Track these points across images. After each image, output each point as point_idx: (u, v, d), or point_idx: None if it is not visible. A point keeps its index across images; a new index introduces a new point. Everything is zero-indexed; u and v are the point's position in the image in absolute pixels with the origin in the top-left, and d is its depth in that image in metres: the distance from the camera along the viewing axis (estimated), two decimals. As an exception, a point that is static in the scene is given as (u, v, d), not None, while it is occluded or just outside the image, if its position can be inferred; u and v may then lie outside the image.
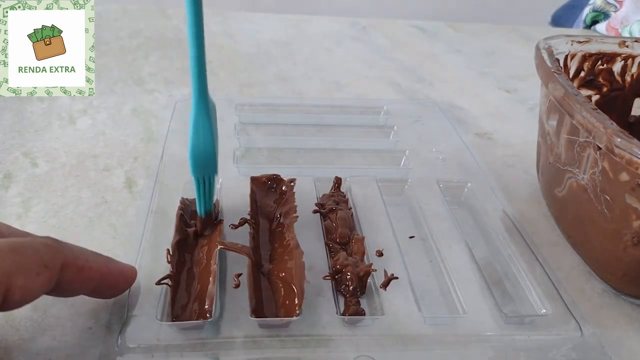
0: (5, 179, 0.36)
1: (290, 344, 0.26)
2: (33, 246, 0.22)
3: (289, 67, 0.56)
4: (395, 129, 0.44)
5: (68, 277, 0.23)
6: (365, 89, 0.53)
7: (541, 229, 0.36)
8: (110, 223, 0.33)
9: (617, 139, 0.26)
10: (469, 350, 0.26)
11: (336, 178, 0.36)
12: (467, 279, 0.30)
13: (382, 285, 0.29)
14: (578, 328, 0.28)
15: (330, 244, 0.32)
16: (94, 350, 0.25)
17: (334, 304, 0.28)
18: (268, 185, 0.36)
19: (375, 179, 0.37)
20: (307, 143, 0.42)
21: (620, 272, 0.30)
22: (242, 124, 0.43)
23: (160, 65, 0.54)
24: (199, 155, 0.28)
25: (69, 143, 0.40)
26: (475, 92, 0.55)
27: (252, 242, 0.31)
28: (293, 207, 0.33)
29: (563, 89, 0.30)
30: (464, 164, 0.40)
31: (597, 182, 0.28)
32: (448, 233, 0.33)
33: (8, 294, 0.20)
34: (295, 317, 0.26)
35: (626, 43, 0.39)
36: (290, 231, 0.31)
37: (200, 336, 0.26)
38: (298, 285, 0.27)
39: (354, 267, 0.29)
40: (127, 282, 0.27)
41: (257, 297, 0.28)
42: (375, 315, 0.28)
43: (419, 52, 0.65)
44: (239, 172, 0.37)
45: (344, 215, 0.33)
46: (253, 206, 0.33)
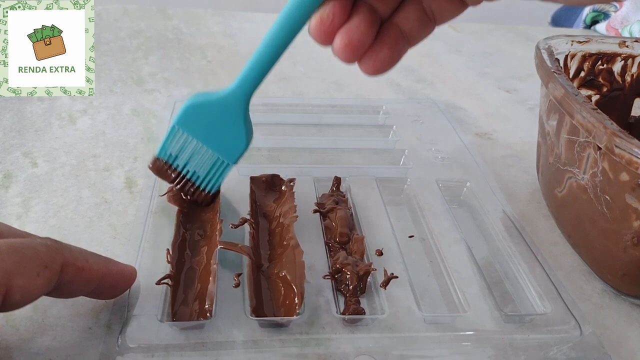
0: (5, 179, 0.36)
1: (290, 344, 0.26)
2: (33, 247, 0.22)
3: (289, 67, 0.56)
4: (394, 129, 0.44)
5: (68, 277, 0.23)
6: (365, 89, 0.53)
7: (541, 229, 0.36)
8: (110, 223, 0.33)
9: (617, 139, 0.26)
10: (469, 349, 0.26)
11: (335, 178, 0.37)
12: (467, 278, 0.30)
13: (382, 285, 0.29)
14: (577, 327, 0.28)
15: (330, 243, 0.32)
16: (94, 350, 0.25)
17: (334, 304, 0.28)
18: (268, 185, 0.36)
19: (374, 178, 0.37)
20: (307, 143, 0.42)
21: (620, 272, 0.30)
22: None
23: (160, 65, 0.54)
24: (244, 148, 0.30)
25: (69, 143, 0.40)
26: (475, 92, 0.55)
27: (252, 241, 0.31)
28: (293, 206, 0.33)
29: (563, 89, 0.30)
30: (463, 163, 0.40)
31: (597, 182, 0.28)
32: (447, 232, 0.33)
33: (8, 294, 0.20)
34: (295, 316, 0.26)
35: (626, 43, 0.39)
36: (290, 231, 0.31)
37: (200, 336, 0.26)
38: (298, 284, 0.27)
39: (354, 266, 0.29)
40: (126, 282, 0.27)
41: (257, 296, 0.28)
42: (375, 315, 0.28)
43: (419, 52, 0.65)
44: (239, 172, 0.37)
45: (344, 215, 0.33)
46: (253, 206, 0.33)
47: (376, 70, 0.24)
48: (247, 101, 0.29)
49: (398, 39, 0.24)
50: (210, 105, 0.29)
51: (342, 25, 0.23)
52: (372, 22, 0.23)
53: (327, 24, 0.23)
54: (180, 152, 0.31)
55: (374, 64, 0.24)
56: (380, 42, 0.24)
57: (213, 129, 0.30)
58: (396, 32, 0.24)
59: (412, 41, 0.25)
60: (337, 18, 0.23)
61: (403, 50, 0.25)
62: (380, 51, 0.24)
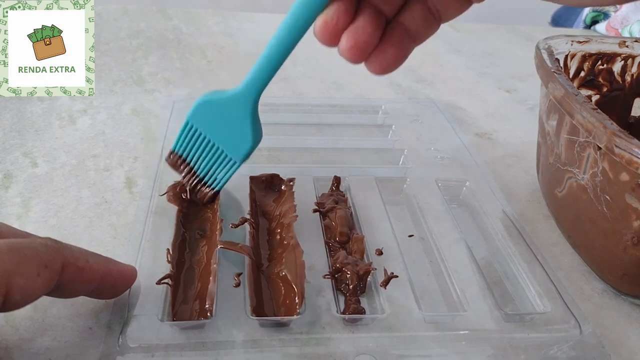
0: (5, 179, 0.36)
1: (290, 343, 0.26)
2: (33, 247, 0.22)
3: (289, 67, 0.56)
4: (393, 128, 0.44)
5: (68, 277, 0.23)
6: (365, 89, 0.53)
7: (541, 229, 0.36)
8: (110, 223, 0.33)
9: (617, 139, 0.26)
10: (469, 348, 0.26)
11: (335, 177, 0.37)
12: (467, 277, 0.30)
13: (382, 284, 0.29)
14: (577, 326, 0.28)
15: (330, 243, 0.32)
16: (94, 350, 0.25)
17: (334, 303, 0.28)
18: (267, 184, 0.36)
19: (374, 178, 0.37)
20: (306, 142, 0.42)
21: (620, 272, 0.30)
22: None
23: (160, 65, 0.54)
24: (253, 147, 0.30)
25: (69, 143, 0.40)
26: (475, 92, 0.55)
27: (252, 241, 0.31)
28: (292, 206, 0.33)
29: (563, 89, 0.30)
30: (462, 162, 0.41)
31: (597, 182, 0.28)
32: (447, 232, 0.33)
33: (8, 294, 0.20)
34: (296, 316, 0.26)
35: (626, 43, 0.39)
36: (290, 230, 0.31)
37: (201, 336, 0.26)
38: (298, 284, 0.27)
39: (354, 266, 0.29)
40: (127, 282, 0.27)
41: (258, 296, 0.28)
42: (375, 314, 0.28)
43: (419, 52, 0.65)
44: (239, 171, 0.37)
45: (344, 214, 0.33)
46: (252, 205, 0.33)
47: (383, 70, 0.24)
48: (255, 101, 0.29)
49: (404, 38, 0.24)
50: (220, 104, 0.30)
51: (347, 26, 0.23)
52: (378, 23, 0.23)
53: (331, 25, 0.23)
54: (192, 147, 0.31)
55: (380, 63, 0.24)
56: (386, 42, 0.24)
57: (222, 127, 0.30)
58: (402, 32, 0.24)
59: (418, 40, 0.25)
60: (341, 19, 0.23)
61: (409, 49, 0.25)
62: (386, 51, 0.24)
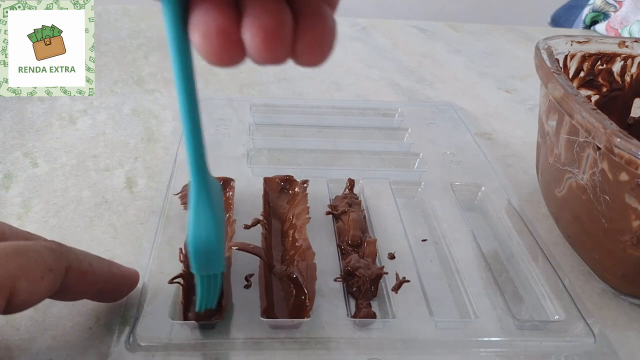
0: (5, 179, 0.36)
1: (301, 346, 0.26)
2: (37, 250, 0.22)
3: (289, 67, 0.56)
4: (409, 131, 0.44)
5: (72, 280, 0.23)
6: (365, 89, 0.53)
7: (541, 229, 0.36)
8: (110, 223, 0.33)
9: (617, 139, 0.26)
10: (480, 355, 0.26)
11: (349, 180, 0.36)
12: (479, 283, 0.30)
13: (394, 289, 0.29)
14: (591, 335, 0.27)
15: (342, 245, 0.31)
16: (94, 350, 0.25)
17: (345, 306, 0.28)
18: (281, 186, 0.36)
19: (388, 181, 0.37)
20: (321, 145, 0.42)
21: (620, 272, 0.30)
22: (257, 124, 0.43)
23: (160, 66, 0.54)
24: (200, 251, 0.23)
25: (69, 143, 0.40)
26: (475, 92, 0.55)
27: (264, 242, 0.30)
28: (306, 208, 0.33)
29: (563, 89, 0.30)
30: (477, 166, 0.40)
31: (596, 182, 0.28)
32: (461, 237, 0.33)
33: (12, 297, 0.20)
34: (306, 318, 0.26)
35: (626, 43, 0.39)
36: (303, 232, 0.31)
37: (212, 335, 0.26)
38: (309, 286, 0.27)
39: (366, 269, 0.29)
40: (129, 286, 0.27)
41: (269, 297, 0.28)
42: (386, 318, 0.27)
43: (419, 52, 0.65)
44: (253, 172, 0.37)
45: (357, 217, 0.33)
46: (266, 207, 0.33)
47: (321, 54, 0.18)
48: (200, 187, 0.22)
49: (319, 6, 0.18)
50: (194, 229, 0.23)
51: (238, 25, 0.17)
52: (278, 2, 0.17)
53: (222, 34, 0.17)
54: None
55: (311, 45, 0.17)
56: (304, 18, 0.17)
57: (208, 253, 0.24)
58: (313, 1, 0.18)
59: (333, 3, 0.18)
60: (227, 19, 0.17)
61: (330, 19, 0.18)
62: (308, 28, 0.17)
